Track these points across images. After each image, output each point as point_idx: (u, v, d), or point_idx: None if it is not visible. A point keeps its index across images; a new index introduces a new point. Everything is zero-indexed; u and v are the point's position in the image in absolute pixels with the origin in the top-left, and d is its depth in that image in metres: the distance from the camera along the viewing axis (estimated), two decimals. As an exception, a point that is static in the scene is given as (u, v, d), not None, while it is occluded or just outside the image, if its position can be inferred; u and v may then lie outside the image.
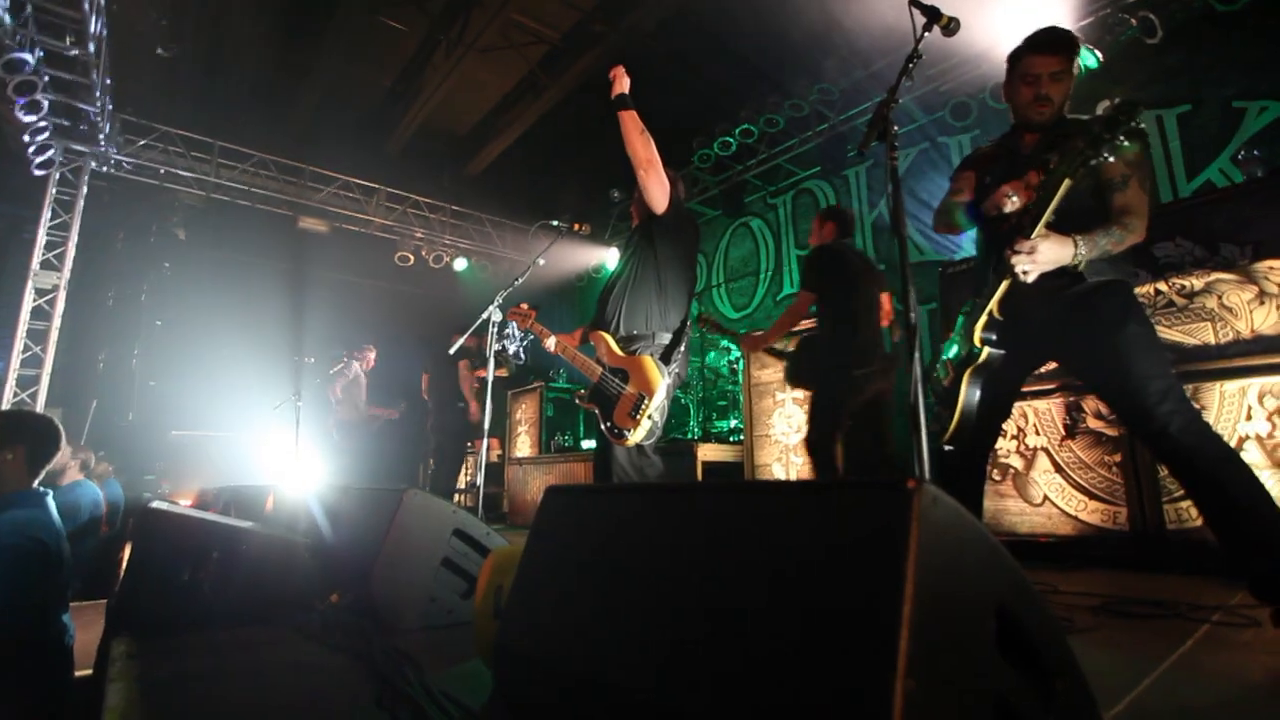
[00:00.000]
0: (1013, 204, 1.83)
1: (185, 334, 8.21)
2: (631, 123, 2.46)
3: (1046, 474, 3.07)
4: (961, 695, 0.56)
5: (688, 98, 6.99)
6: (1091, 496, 2.93)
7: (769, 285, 7.82)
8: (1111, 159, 1.71)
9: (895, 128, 1.80)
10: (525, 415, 6.86)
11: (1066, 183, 1.77)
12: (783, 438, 4.28)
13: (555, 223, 2.83)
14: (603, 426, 2.46)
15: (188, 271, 8.43)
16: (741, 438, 5.02)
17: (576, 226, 2.94)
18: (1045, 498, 3.05)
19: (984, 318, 1.98)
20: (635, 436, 2.35)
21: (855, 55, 6.28)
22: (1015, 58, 2.08)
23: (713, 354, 6.24)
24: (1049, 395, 3.13)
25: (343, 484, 2.24)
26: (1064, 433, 3.07)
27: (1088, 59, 4.84)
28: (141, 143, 7.42)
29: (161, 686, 1.14)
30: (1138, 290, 2.28)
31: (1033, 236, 1.76)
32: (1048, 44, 2.04)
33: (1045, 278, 1.82)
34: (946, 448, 2.09)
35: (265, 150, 8.01)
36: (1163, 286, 2.92)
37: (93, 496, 3.95)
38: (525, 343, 8.35)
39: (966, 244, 5.44)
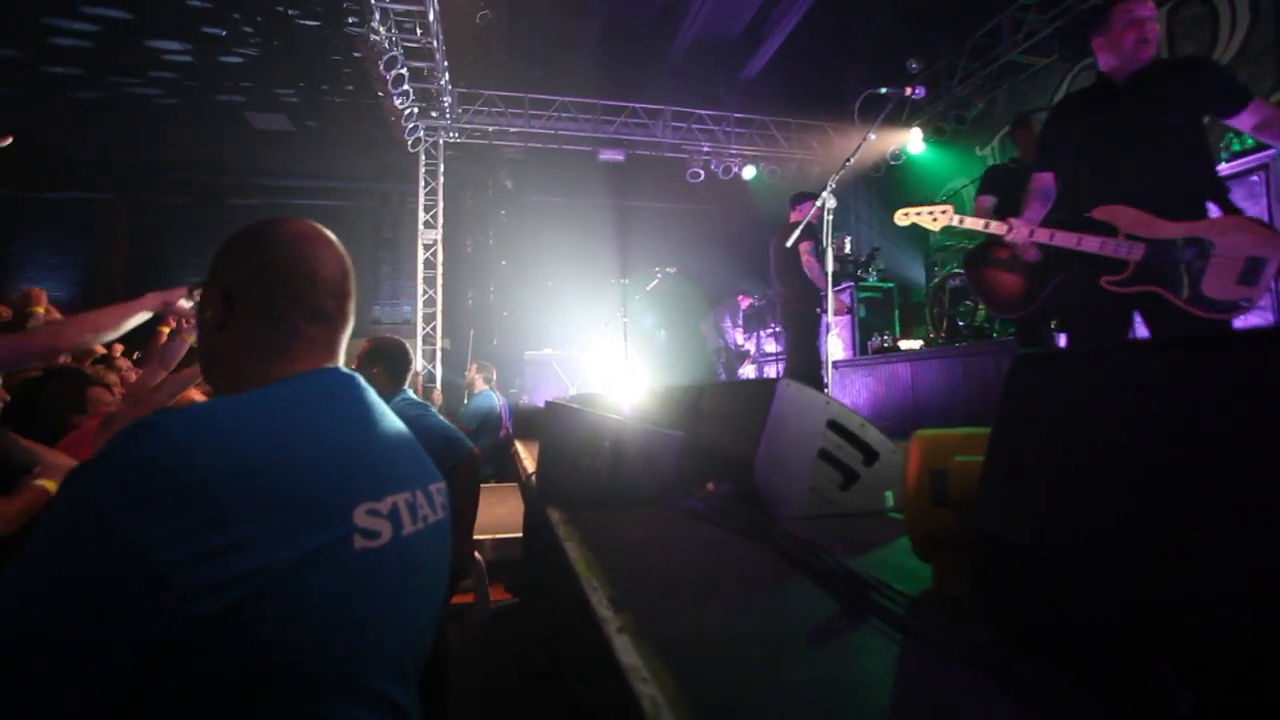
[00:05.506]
0: None
1: (525, 269, 9.70)
2: None
3: None
4: None
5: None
6: None
7: (1133, 137, 6.15)
8: None
9: None
10: (834, 316, 6.64)
11: None
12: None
13: (883, 90, 2.48)
14: (1177, 301, 2.13)
15: (519, 216, 9.84)
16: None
17: (909, 91, 2.55)
18: None
19: None
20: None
21: None
22: None
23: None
24: None
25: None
26: None
27: None
28: (472, 110, 8.66)
29: (601, 549, 1.29)
30: None
31: None
32: None
33: None
34: None
35: (563, 93, 8.74)
36: None
37: (490, 403, 4.96)
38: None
39: None
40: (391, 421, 0.94)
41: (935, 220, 2.44)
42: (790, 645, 0.78)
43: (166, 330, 2.53)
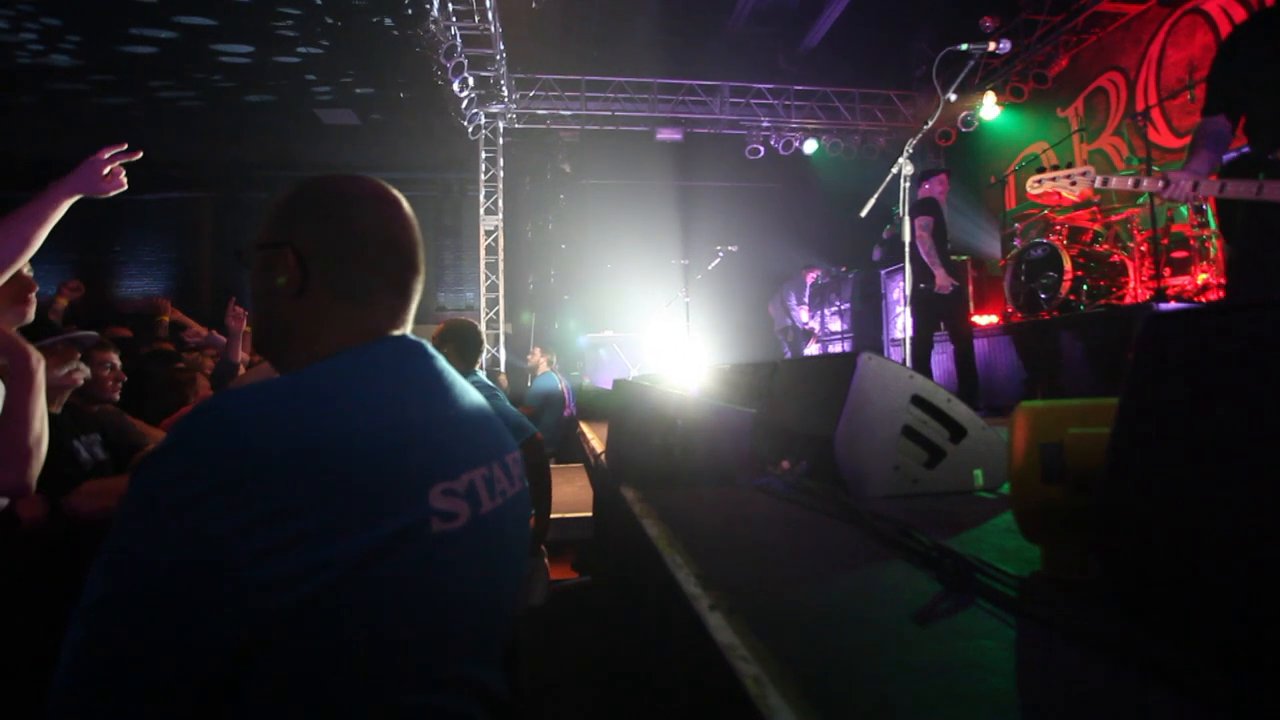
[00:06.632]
0: None
1: (584, 252, 9.75)
2: None
3: None
4: None
5: None
6: None
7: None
8: None
9: None
10: (902, 293, 6.39)
11: None
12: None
13: (964, 46, 2.31)
14: None
15: (577, 199, 9.88)
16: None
17: (993, 45, 2.37)
18: None
19: None
20: None
21: None
22: None
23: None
24: None
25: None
26: None
27: None
28: (530, 95, 8.70)
29: (680, 526, 1.27)
30: None
31: None
32: None
33: None
34: None
35: (620, 73, 8.67)
36: None
37: (552, 383, 5.07)
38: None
39: None
40: (464, 390, 0.87)
41: (1075, 184, 2.15)
42: (895, 625, 0.74)
43: None
